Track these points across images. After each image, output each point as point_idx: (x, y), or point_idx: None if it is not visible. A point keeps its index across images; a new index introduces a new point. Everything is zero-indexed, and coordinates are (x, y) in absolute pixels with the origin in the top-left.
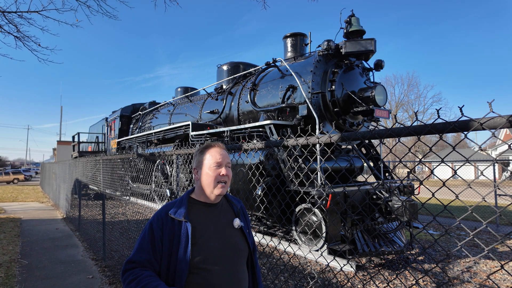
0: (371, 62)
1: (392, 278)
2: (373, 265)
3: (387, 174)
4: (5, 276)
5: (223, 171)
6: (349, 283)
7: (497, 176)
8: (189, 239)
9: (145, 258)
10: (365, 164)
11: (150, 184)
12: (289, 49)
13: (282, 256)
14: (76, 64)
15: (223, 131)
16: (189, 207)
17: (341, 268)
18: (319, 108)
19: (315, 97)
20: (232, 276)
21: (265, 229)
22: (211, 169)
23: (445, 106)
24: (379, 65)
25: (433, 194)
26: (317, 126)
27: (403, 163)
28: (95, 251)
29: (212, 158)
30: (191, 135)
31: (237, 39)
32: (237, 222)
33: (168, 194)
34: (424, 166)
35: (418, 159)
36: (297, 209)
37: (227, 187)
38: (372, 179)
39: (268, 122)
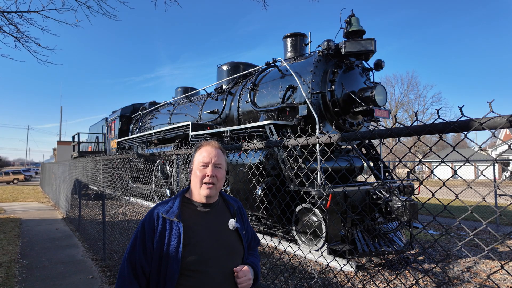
0: (371, 62)
1: (392, 278)
2: (373, 265)
3: (387, 174)
4: (5, 276)
5: (208, 171)
6: (349, 283)
7: (497, 176)
8: (180, 239)
9: (136, 260)
10: (365, 164)
11: (150, 184)
12: (289, 49)
13: (282, 256)
14: (76, 64)
15: (223, 131)
16: (182, 206)
17: (341, 268)
18: (319, 108)
19: (315, 97)
20: (226, 279)
21: (265, 229)
22: (199, 169)
23: (445, 106)
24: (379, 65)
25: (433, 194)
26: (317, 126)
27: (403, 163)
28: (95, 251)
29: (199, 157)
30: (191, 135)
31: (237, 39)
32: (232, 223)
33: (168, 194)
34: (424, 166)
35: (418, 159)
36: (297, 209)
37: (216, 188)
38: (372, 179)
39: (268, 122)
